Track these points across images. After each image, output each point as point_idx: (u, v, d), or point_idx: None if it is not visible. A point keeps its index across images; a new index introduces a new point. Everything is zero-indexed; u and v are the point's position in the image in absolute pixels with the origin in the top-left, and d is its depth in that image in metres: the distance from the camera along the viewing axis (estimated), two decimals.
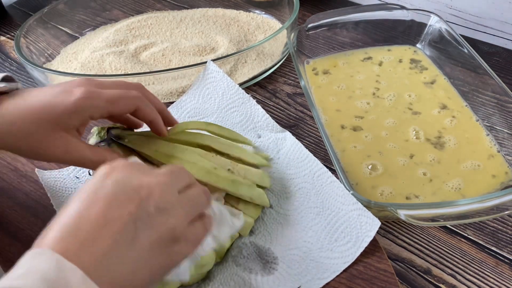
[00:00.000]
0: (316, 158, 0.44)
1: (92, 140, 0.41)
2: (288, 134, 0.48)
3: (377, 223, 0.38)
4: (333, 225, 0.40)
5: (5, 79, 0.38)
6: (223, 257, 0.40)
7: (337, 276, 0.38)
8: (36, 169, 0.49)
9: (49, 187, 0.47)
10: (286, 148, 0.47)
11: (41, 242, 0.26)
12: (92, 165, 0.38)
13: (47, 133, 0.35)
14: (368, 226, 0.38)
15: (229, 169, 0.42)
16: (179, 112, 0.54)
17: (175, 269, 0.30)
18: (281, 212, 0.43)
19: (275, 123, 0.50)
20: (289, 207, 0.43)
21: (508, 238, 0.44)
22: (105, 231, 0.26)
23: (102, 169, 0.30)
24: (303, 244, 0.40)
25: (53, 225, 0.27)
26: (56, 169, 0.50)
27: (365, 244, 0.38)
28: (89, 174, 0.43)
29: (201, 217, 0.33)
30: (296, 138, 0.48)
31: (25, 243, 0.43)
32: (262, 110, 0.50)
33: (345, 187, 0.41)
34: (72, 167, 0.49)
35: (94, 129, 0.42)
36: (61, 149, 0.36)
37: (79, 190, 0.29)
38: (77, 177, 0.48)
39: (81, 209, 0.27)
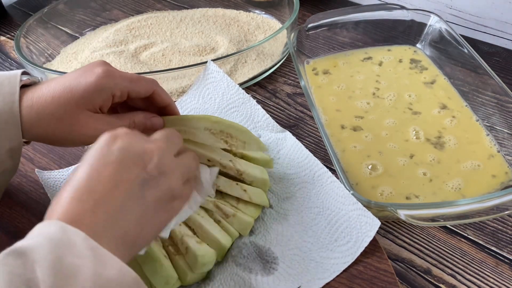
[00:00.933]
0: (316, 158, 0.44)
1: None
2: (288, 134, 0.48)
3: (377, 223, 0.38)
4: (333, 225, 0.40)
5: (24, 74, 0.39)
6: (223, 257, 0.40)
7: (337, 276, 0.38)
8: (36, 169, 0.49)
9: (49, 187, 0.47)
10: (286, 148, 0.47)
11: (53, 210, 0.28)
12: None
13: (74, 114, 0.37)
14: (368, 226, 0.38)
15: (230, 160, 0.42)
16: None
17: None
18: (281, 212, 0.43)
19: (275, 123, 0.50)
20: (289, 207, 0.43)
21: (508, 238, 0.44)
22: (117, 191, 0.29)
23: (106, 137, 0.32)
24: (303, 244, 0.40)
25: (64, 191, 0.29)
26: (56, 169, 0.50)
27: (365, 244, 0.38)
28: None
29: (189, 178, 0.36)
30: (296, 138, 0.48)
31: None
32: (262, 110, 0.50)
33: (345, 187, 0.41)
34: (72, 168, 0.49)
35: None
36: (91, 127, 0.37)
37: (85, 157, 0.31)
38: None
39: (93, 173, 0.29)
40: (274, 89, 0.64)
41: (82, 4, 0.80)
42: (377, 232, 0.37)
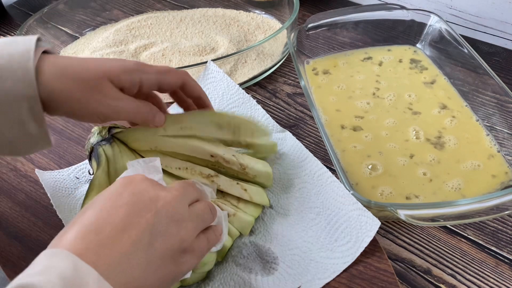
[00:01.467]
0: (316, 158, 0.44)
1: (93, 139, 0.41)
2: (288, 134, 0.48)
3: (377, 223, 0.38)
4: (333, 225, 0.40)
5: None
6: (223, 257, 0.40)
7: (337, 276, 0.38)
8: (36, 169, 0.49)
9: (49, 187, 0.47)
10: (287, 148, 0.47)
11: (58, 242, 0.27)
12: (141, 117, 0.38)
13: (100, 80, 0.36)
14: (368, 226, 0.38)
15: (233, 155, 0.42)
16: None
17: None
18: (281, 212, 0.43)
19: (275, 123, 0.50)
20: (289, 207, 0.43)
21: (508, 238, 0.44)
22: (125, 235, 0.28)
23: (120, 181, 0.32)
24: (303, 244, 0.40)
25: (70, 227, 0.28)
26: (56, 169, 0.50)
27: (365, 244, 0.38)
28: (89, 173, 0.43)
29: (206, 231, 0.35)
30: (296, 138, 0.48)
31: (25, 243, 0.43)
32: (262, 110, 0.50)
33: (345, 187, 0.41)
34: (72, 168, 0.49)
35: (95, 129, 0.42)
36: (112, 98, 0.36)
37: (97, 197, 0.30)
38: (77, 177, 0.48)
39: (103, 214, 0.29)
40: (274, 89, 0.64)
41: (82, 4, 0.80)
42: (377, 232, 0.37)
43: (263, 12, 0.79)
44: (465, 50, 0.57)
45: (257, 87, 0.64)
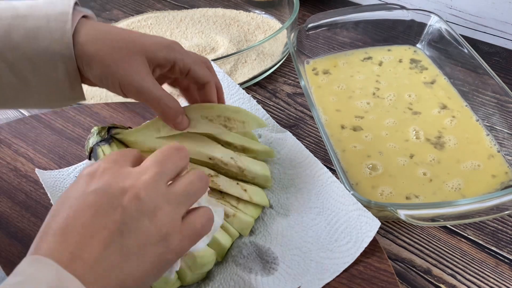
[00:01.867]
0: (316, 159, 0.44)
1: (93, 139, 0.41)
2: (288, 134, 0.48)
3: (377, 223, 0.38)
4: (333, 225, 0.41)
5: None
6: (223, 257, 0.40)
7: (337, 276, 0.38)
8: (36, 169, 0.49)
9: (49, 187, 0.47)
10: (287, 149, 0.47)
11: (36, 249, 0.26)
12: (161, 108, 0.38)
13: (134, 53, 0.36)
14: (368, 227, 0.38)
15: (232, 158, 0.42)
16: None
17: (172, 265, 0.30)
18: (281, 212, 0.43)
19: (275, 123, 0.50)
20: (289, 207, 0.43)
21: (508, 238, 0.44)
22: (93, 240, 0.26)
23: (84, 174, 0.29)
24: (303, 244, 0.40)
25: (46, 233, 0.27)
26: (56, 169, 0.50)
27: (365, 245, 0.38)
28: None
29: (194, 210, 0.31)
30: (296, 138, 0.48)
31: (25, 243, 0.43)
32: (262, 110, 0.50)
33: (345, 187, 0.41)
34: (72, 167, 0.49)
35: (94, 129, 0.42)
36: (140, 75, 0.37)
37: (65, 195, 0.29)
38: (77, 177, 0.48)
39: (69, 218, 0.27)
40: (274, 89, 0.64)
41: (82, 4, 0.80)
42: (377, 232, 0.37)
43: (263, 12, 0.79)
44: (465, 50, 0.57)
45: (257, 87, 0.64)
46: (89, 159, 0.41)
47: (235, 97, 0.52)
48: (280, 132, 0.49)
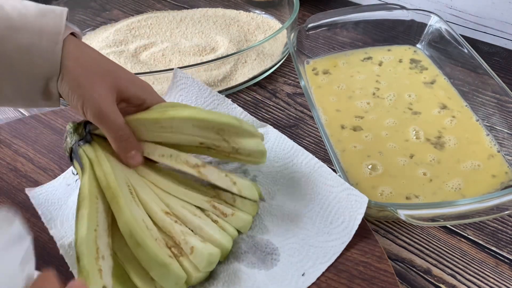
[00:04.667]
0: (301, 147, 0.45)
1: (70, 138, 0.39)
2: (269, 127, 0.48)
3: (365, 200, 0.39)
4: (326, 208, 0.41)
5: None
6: (225, 257, 0.40)
7: (338, 276, 0.38)
8: (26, 189, 0.47)
9: (39, 204, 0.46)
10: (271, 142, 0.48)
11: None
12: (116, 143, 0.39)
13: (109, 81, 0.38)
14: (358, 204, 0.40)
15: (224, 139, 0.41)
16: None
17: None
18: (274, 204, 0.44)
19: (254, 119, 0.50)
20: (282, 198, 0.44)
21: (508, 238, 0.44)
22: None
23: None
24: (300, 232, 0.41)
25: None
26: (56, 169, 0.50)
27: (359, 222, 0.39)
28: (73, 173, 0.42)
29: None
30: (296, 138, 0.48)
31: None
32: (239, 108, 0.50)
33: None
34: (62, 176, 0.48)
35: (70, 125, 0.40)
36: (109, 100, 0.37)
37: None
38: (68, 184, 0.47)
39: None
40: (274, 89, 0.64)
41: (82, 4, 0.80)
42: (377, 232, 0.38)
43: (263, 12, 0.79)
44: (465, 50, 0.57)
45: (257, 87, 0.64)
46: (71, 160, 0.40)
47: (209, 99, 0.51)
48: (261, 126, 0.49)
